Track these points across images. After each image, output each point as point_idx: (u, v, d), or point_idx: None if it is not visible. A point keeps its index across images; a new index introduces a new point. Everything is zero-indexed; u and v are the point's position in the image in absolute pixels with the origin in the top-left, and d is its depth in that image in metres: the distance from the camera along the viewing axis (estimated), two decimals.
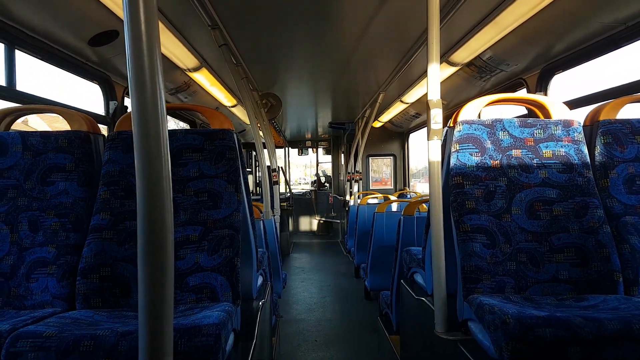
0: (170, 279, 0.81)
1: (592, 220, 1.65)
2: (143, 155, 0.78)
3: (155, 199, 0.79)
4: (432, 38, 1.69)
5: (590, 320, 1.16)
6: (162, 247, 0.80)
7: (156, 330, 0.80)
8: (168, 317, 0.81)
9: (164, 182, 0.80)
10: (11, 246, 1.69)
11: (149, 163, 0.79)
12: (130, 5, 0.76)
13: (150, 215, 0.79)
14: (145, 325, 0.79)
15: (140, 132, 0.78)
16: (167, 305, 0.81)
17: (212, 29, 2.76)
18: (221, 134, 1.84)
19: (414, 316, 2.22)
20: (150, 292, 0.79)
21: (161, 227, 0.80)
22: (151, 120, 0.79)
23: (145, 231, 0.79)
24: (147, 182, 0.79)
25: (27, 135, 1.82)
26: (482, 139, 1.78)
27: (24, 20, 2.11)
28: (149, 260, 0.79)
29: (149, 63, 0.78)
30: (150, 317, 0.79)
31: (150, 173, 0.79)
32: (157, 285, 0.80)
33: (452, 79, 3.84)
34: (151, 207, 0.79)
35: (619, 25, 2.22)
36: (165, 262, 0.80)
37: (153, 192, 0.79)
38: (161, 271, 0.80)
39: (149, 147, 0.79)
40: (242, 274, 1.76)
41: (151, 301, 0.79)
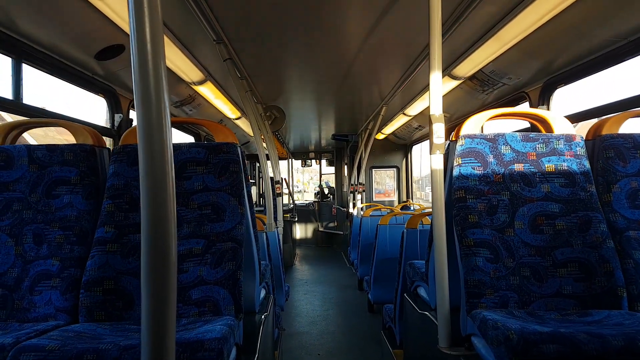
0: (173, 293, 0.81)
1: (596, 235, 1.65)
2: (148, 169, 0.79)
3: (159, 213, 0.80)
4: (434, 53, 1.70)
5: (595, 337, 1.15)
6: (166, 261, 0.80)
7: (159, 344, 0.80)
8: (171, 331, 0.81)
9: (168, 196, 0.80)
10: (16, 259, 1.70)
11: (153, 177, 0.79)
12: (136, 20, 0.77)
13: (154, 229, 0.79)
14: (147, 339, 0.79)
15: (145, 146, 0.79)
16: (170, 319, 0.81)
17: (217, 43, 2.79)
18: (225, 147, 1.85)
19: (417, 330, 2.21)
20: (153, 306, 0.80)
21: (165, 241, 0.80)
22: (156, 134, 0.79)
23: (149, 245, 0.80)
24: (151, 196, 0.79)
25: (33, 148, 1.83)
26: (485, 153, 1.79)
27: (31, 35, 2.14)
28: (152, 273, 0.80)
29: (154, 78, 0.79)
30: (153, 331, 0.79)
31: (155, 187, 0.79)
32: (160, 299, 0.80)
33: (455, 92, 3.86)
34: (155, 221, 0.79)
35: (621, 40, 2.23)
36: (168, 275, 0.80)
37: (157, 205, 0.79)
38: (164, 285, 0.80)
39: (153, 161, 0.79)
40: (244, 287, 1.76)
41: (154, 315, 0.80)
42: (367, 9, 2.40)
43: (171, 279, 0.81)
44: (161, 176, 0.80)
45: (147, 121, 0.79)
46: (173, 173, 0.82)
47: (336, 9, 2.42)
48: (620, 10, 2.03)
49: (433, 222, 1.74)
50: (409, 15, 2.49)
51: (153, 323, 0.79)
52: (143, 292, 0.79)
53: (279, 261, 3.59)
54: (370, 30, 2.75)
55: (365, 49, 3.12)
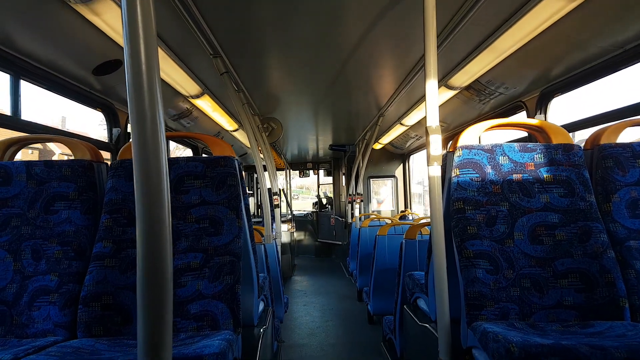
0: (169, 308, 0.81)
1: (596, 245, 1.64)
2: (143, 184, 0.79)
3: (155, 228, 0.79)
4: (430, 64, 1.71)
5: (597, 349, 1.15)
6: (162, 277, 0.80)
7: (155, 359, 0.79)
8: (167, 347, 0.80)
9: (163, 212, 0.80)
10: (14, 274, 1.69)
11: (149, 192, 0.79)
12: (130, 35, 0.78)
13: (149, 244, 0.79)
14: (144, 355, 0.79)
15: (141, 162, 0.79)
16: (167, 335, 0.80)
17: (213, 57, 2.81)
18: (222, 161, 1.85)
19: (417, 342, 2.19)
20: (149, 322, 0.79)
21: (161, 256, 0.80)
22: (151, 149, 0.79)
23: (144, 260, 0.79)
24: (147, 211, 0.79)
25: (31, 164, 1.83)
26: (483, 163, 1.79)
27: (29, 51, 2.15)
28: (148, 289, 0.79)
29: (148, 93, 0.79)
30: (150, 347, 0.79)
31: (150, 202, 0.79)
32: (156, 314, 0.79)
33: (452, 102, 3.87)
34: (151, 236, 0.79)
35: (617, 49, 2.24)
36: (164, 291, 0.80)
37: (153, 221, 0.79)
38: (160, 300, 0.80)
39: (149, 176, 0.79)
40: (243, 301, 1.75)
41: (150, 331, 0.79)
42: (363, 20, 2.41)
43: (167, 295, 0.80)
44: (156, 191, 0.79)
45: (142, 136, 0.79)
46: (168, 188, 0.82)
47: (332, 21, 2.43)
48: (617, 19, 2.04)
49: (432, 233, 1.73)
50: (405, 26, 2.50)
51: (149, 339, 0.79)
52: (139, 308, 0.79)
53: (277, 273, 3.58)
54: (366, 41, 2.76)
55: (362, 59, 3.13)
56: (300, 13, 2.30)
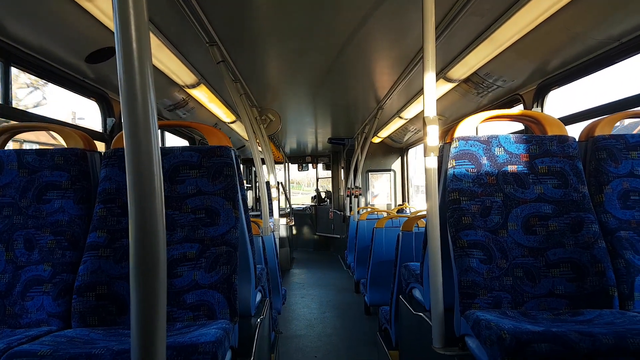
0: (162, 297, 0.80)
1: (588, 235, 1.66)
2: (135, 172, 0.78)
3: (147, 217, 0.79)
4: (428, 55, 1.70)
5: (586, 335, 1.16)
6: (155, 265, 0.79)
7: (149, 349, 0.79)
8: (161, 335, 0.80)
9: (156, 199, 0.79)
10: (6, 264, 1.68)
11: (140, 180, 0.78)
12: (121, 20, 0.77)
13: (142, 233, 0.79)
14: (138, 343, 0.79)
15: (132, 149, 0.78)
16: (160, 323, 0.80)
17: (209, 45, 2.79)
18: (219, 150, 1.84)
19: (412, 331, 2.20)
20: (142, 311, 0.79)
21: (154, 245, 0.79)
22: (143, 137, 0.78)
23: (137, 249, 0.79)
24: (139, 199, 0.78)
25: (22, 153, 1.82)
26: (478, 155, 1.79)
27: (20, 37, 2.12)
28: (141, 278, 0.79)
29: (140, 79, 0.78)
30: (143, 336, 0.79)
31: (143, 190, 0.78)
32: (149, 303, 0.79)
33: (450, 94, 3.87)
34: (144, 224, 0.79)
35: (614, 42, 2.24)
36: (157, 280, 0.79)
37: (145, 209, 0.79)
38: (154, 289, 0.79)
39: (140, 163, 0.78)
40: (240, 291, 1.75)
41: (144, 320, 0.79)
42: (362, 11, 2.40)
43: (160, 284, 0.80)
44: (149, 180, 0.79)
45: (133, 124, 0.78)
46: (161, 175, 0.81)
47: (330, 12, 2.42)
48: (613, 12, 2.04)
49: (427, 224, 1.73)
50: (403, 18, 2.49)
51: (143, 327, 0.79)
52: (132, 297, 0.79)
53: (275, 265, 3.59)
54: (364, 33, 2.75)
55: (360, 51, 3.12)
56: (299, 3, 2.29)
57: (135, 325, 0.79)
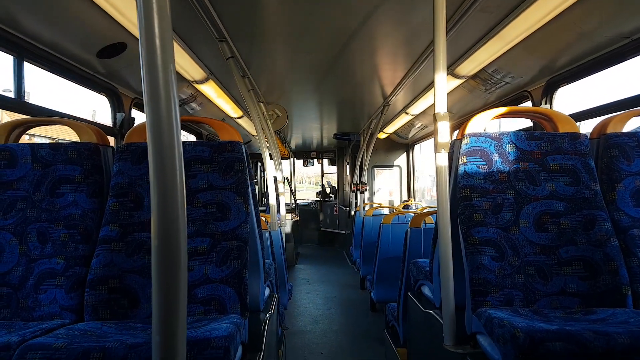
0: (183, 291, 0.81)
1: (600, 233, 1.64)
2: (158, 168, 0.79)
3: (169, 211, 0.79)
4: (439, 52, 1.68)
5: (601, 334, 1.15)
6: (176, 259, 0.80)
7: (169, 342, 0.80)
8: (182, 329, 0.81)
9: (178, 194, 0.80)
10: (20, 257, 1.70)
11: (163, 175, 0.79)
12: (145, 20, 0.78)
13: (164, 227, 0.79)
14: (158, 336, 0.79)
15: (155, 145, 0.79)
16: (181, 317, 0.81)
17: (219, 41, 2.79)
18: (230, 145, 1.85)
19: (421, 329, 2.21)
20: (164, 304, 0.80)
21: (175, 239, 0.80)
22: (166, 133, 0.79)
23: (159, 244, 0.79)
24: (161, 194, 0.79)
25: (36, 147, 1.83)
26: (490, 151, 1.78)
27: (33, 33, 2.13)
28: (163, 271, 0.79)
29: (163, 77, 0.78)
30: (164, 329, 0.80)
31: (165, 185, 0.79)
32: (170, 297, 0.80)
33: (458, 90, 3.86)
34: (166, 219, 0.79)
35: (624, 39, 2.22)
36: (178, 273, 0.80)
37: (168, 204, 0.79)
38: (175, 283, 0.80)
39: (163, 159, 0.79)
40: (249, 286, 1.76)
41: (165, 313, 0.80)
42: (369, 8, 2.40)
43: (181, 277, 0.81)
44: (171, 175, 0.80)
45: (157, 120, 0.79)
46: (183, 172, 0.82)
47: (339, 8, 2.42)
48: (623, 9, 2.03)
49: (438, 221, 1.73)
50: (412, 13, 2.48)
51: (164, 321, 0.80)
52: (154, 290, 0.79)
53: (282, 260, 3.60)
54: (372, 30, 2.75)
55: (368, 48, 3.12)
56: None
57: (156, 317, 0.80)
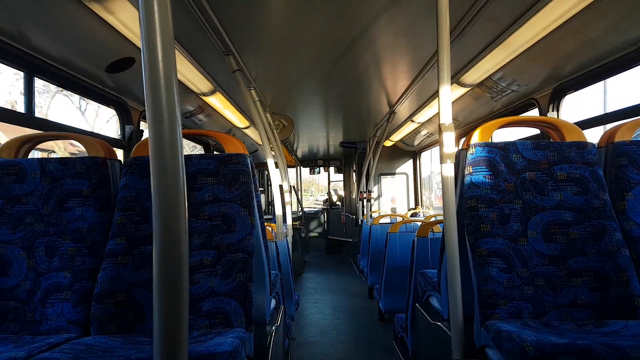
0: (185, 306, 0.81)
1: (610, 244, 1.62)
2: (160, 182, 0.79)
3: (171, 225, 0.79)
4: (443, 62, 1.69)
5: (612, 348, 1.13)
6: (178, 274, 0.80)
7: (170, 357, 0.80)
8: (183, 344, 0.81)
9: (180, 209, 0.80)
10: (28, 271, 1.71)
11: (165, 190, 0.79)
12: (147, 34, 0.78)
13: (166, 241, 0.79)
14: (159, 352, 0.79)
15: (157, 160, 0.79)
16: (182, 332, 0.81)
17: (225, 55, 2.82)
18: (235, 158, 1.85)
19: (430, 341, 2.19)
20: (164, 319, 0.79)
21: (177, 253, 0.80)
22: (168, 147, 0.79)
23: (160, 257, 0.79)
24: (163, 208, 0.79)
25: (45, 161, 1.85)
26: (496, 161, 1.77)
27: (43, 49, 2.17)
28: (164, 285, 0.79)
29: (166, 91, 0.79)
30: (165, 345, 0.79)
31: (167, 199, 0.79)
32: (171, 311, 0.80)
33: (463, 99, 3.85)
34: (167, 233, 0.79)
35: (631, 46, 2.21)
36: (180, 287, 0.80)
37: (169, 218, 0.79)
38: (176, 297, 0.80)
39: (165, 174, 0.79)
40: (255, 298, 1.75)
41: (166, 328, 0.79)
42: (375, 17, 2.40)
43: (183, 292, 0.81)
44: (173, 189, 0.80)
45: (159, 135, 0.79)
46: (185, 186, 0.82)
47: (343, 18, 2.43)
48: (630, 16, 2.01)
49: (445, 232, 1.72)
50: (417, 23, 2.49)
51: (165, 336, 0.79)
52: (155, 305, 0.79)
53: (288, 270, 3.58)
54: (378, 38, 2.75)
55: (373, 56, 3.12)
56: (312, 10, 2.30)
57: (157, 333, 0.79)
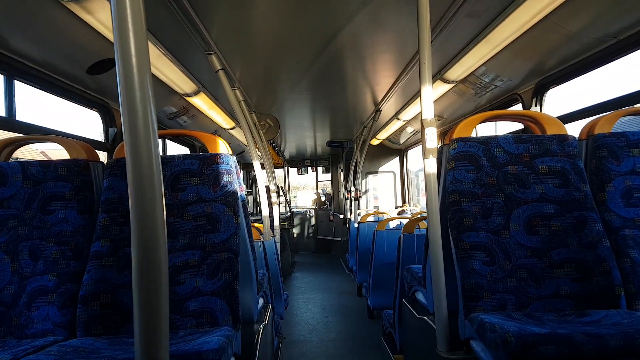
0: (165, 306, 0.81)
1: (591, 235, 1.64)
2: (136, 182, 0.79)
3: (149, 226, 0.79)
4: (424, 60, 1.70)
5: (593, 337, 1.15)
6: (157, 274, 0.80)
7: (152, 357, 0.79)
8: (164, 344, 0.80)
9: (157, 208, 0.80)
10: (12, 275, 1.69)
11: (142, 189, 0.79)
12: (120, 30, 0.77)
13: (144, 242, 0.79)
14: (141, 352, 0.79)
15: (133, 159, 0.79)
16: (163, 332, 0.80)
17: (208, 54, 2.80)
18: (219, 158, 1.85)
19: (416, 335, 2.20)
20: (145, 320, 0.79)
21: (156, 254, 0.80)
22: (143, 147, 0.79)
23: (139, 258, 0.79)
24: (140, 209, 0.79)
25: (26, 164, 1.83)
26: (478, 156, 1.79)
27: (23, 52, 2.14)
28: (144, 286, 0.79)
29: (140, 89, 0.78)
30: (146, 345, 0.79)
31: (144, 199, 0.79)
32: (152, 312, 0.79)
33: (448, 95, 3.88)
34: (145, 234, 0.79)
35: (611, 39, 2.24)
36: (159, 288, 0.80)
37: (147, 218, 0.79)
38: (156, 298, 0.80)
39: (141, 173, 0.79)
40: (242, 297, 1.75)
41: (147, 328, 0.79)
42: (358, 14, 2.41)
43: (162, 292, 0.80)
44: (150, 189, 0.79)
45: (134, 133, 0.79)
46: (162, 186, 0.81)
47: (326, 17, 2.43)
48: (609, 10, 2.05)
49: (428, 227, 1.73)
50: (400, 20, 2.50)
51: (146, 336, 0.79)
52: (135, 306, 0.79)
53: (277, 270, 3.58)
54: (361, 38, 2.76)
55: (357, 56, 3.13)
56: (295, 8, 2.30)
57: (138, 334, 0.79)
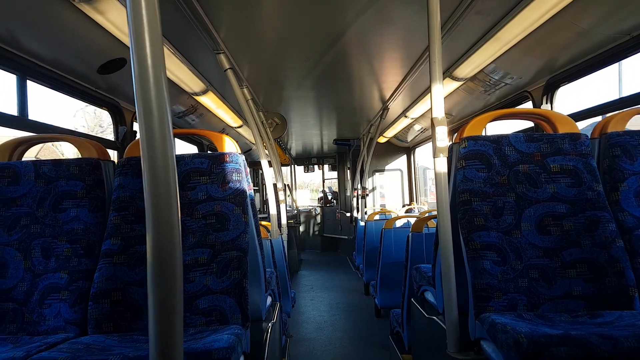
0: (179, 304, 0.81)
1: (604, 235, 1.62)
2: (151, 181, 0.79)
3: (164, 224, 0.79)
4: (435, 58, 1.68)
5: (606, 338, 1.14)
6: (172, 272, 0.80)
7: (167, 355, 0.80)
8: (178, 341, 0.81)
9: (172, 207, 0.80)
10: (25, 273, 1.71)
11: (157, 189, 0.79)
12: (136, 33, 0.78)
13: (159, 241, 0.79)
14: (155, 350, 0.79)
15: (149, 159, 0.79)
16: (177, 329, 0.81)
17: (217, 53, 2.81)
18: (228, 157, 1.85)
19: (425, 335, 2.19)
20: (160, 317, 0.79)
21: (170, 252, 0.80)
22: (159, 146, 0.79)
23: (154, 256, 0.79)
24: (155, 207, 0.79)
25: (39, 163, 1.84)
26: (488, 154, 1.77)
27: (35, 52, 2.16)
28: (159, 284, 0.79)
29: (155, 90, 0.79)
30: (161, 342, 0.79)
31: (159, 198, 0.79)
32: (167, 310, 0.80)
33: (457, 93, 3.86)
34: (160, 232, 0.79)
35: (624, 36, 2.21)
36: (174, 286, 0.80)
37: (162, 216, 0.79)
38: (171, 296, 0.80)
39: (157, 172, 0.79)
40: (250, 295, 1.76)
41: (161, 326, 0.80)
42: (366, 12, 2.40)
43: (177, 290, 0.81)
44: (165, 188, 0.80)
45: (150, 134, 0.79)
46: (177, 185, 0.82)
47: (334, 15, 2.43)
48: (622, 6, 2.02)
49: (438, 226, 1.72)
50: (408, 17, 2.49)
51: (160, 334, 0.79)
52: (150, 304, 0.79)
53: (284, 268, 3.59)
54: (369, 36, 2.75)
55: (365, 54, 3.12)
56: (303, 7, 2.29)
57: (153, 332, 0.79)
